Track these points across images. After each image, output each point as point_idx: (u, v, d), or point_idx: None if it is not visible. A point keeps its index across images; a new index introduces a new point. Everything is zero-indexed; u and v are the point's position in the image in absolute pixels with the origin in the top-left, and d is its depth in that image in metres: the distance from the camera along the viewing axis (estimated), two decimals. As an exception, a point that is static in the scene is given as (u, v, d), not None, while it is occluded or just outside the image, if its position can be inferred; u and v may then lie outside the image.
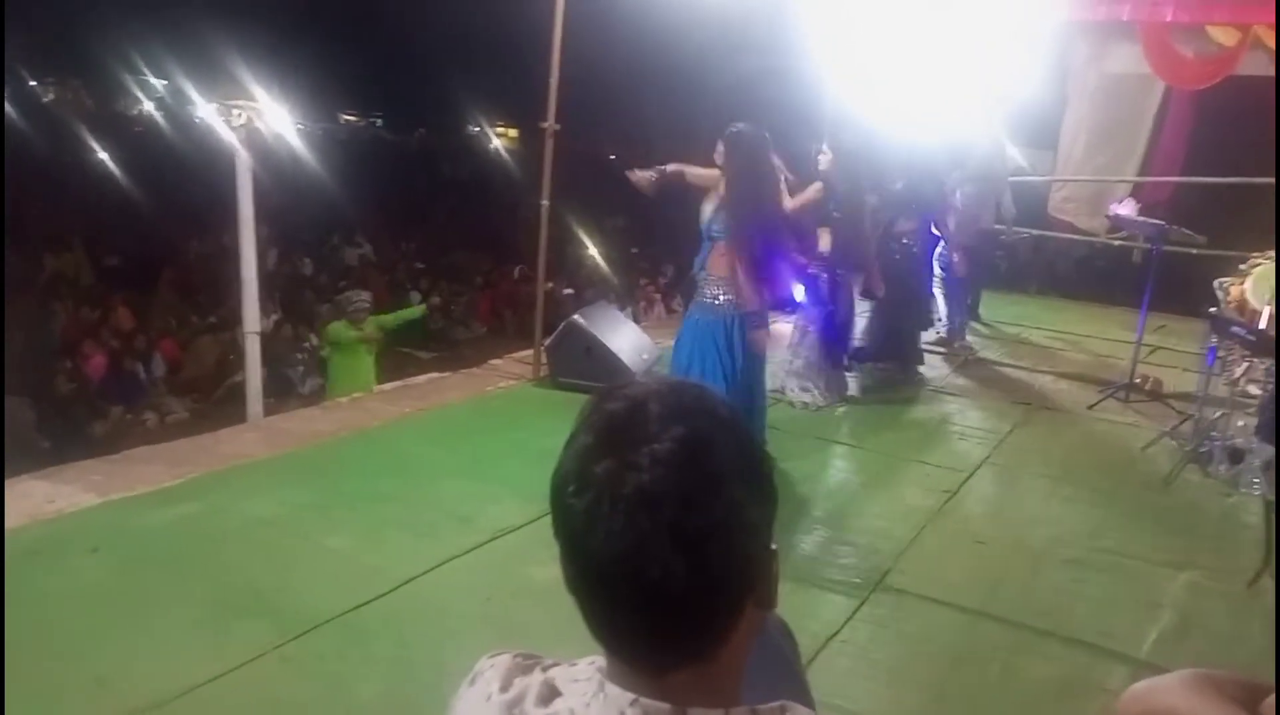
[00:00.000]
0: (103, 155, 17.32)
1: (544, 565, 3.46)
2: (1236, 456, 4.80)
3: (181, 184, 16.26)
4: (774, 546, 0.82)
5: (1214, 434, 4.94)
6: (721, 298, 4.26)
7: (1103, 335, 7.92)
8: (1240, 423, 4.95)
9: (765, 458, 0.83)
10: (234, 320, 8.79)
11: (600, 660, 0.83)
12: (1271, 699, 0.80)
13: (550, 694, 0.83)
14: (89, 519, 3.60)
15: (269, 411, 6.55)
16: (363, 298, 7.17)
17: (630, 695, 0.78)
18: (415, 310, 6.99)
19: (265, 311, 7.84)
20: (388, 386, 5.98)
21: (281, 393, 8.42)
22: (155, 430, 8.00)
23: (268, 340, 7.24)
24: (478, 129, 31.87)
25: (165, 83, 25.89)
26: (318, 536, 3.60)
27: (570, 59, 5.64)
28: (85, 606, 3.00)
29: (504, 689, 0.85)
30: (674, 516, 0.74)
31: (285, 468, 4.32)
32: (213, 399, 8.90)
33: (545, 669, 0.86)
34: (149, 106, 26.14)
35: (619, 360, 5.53)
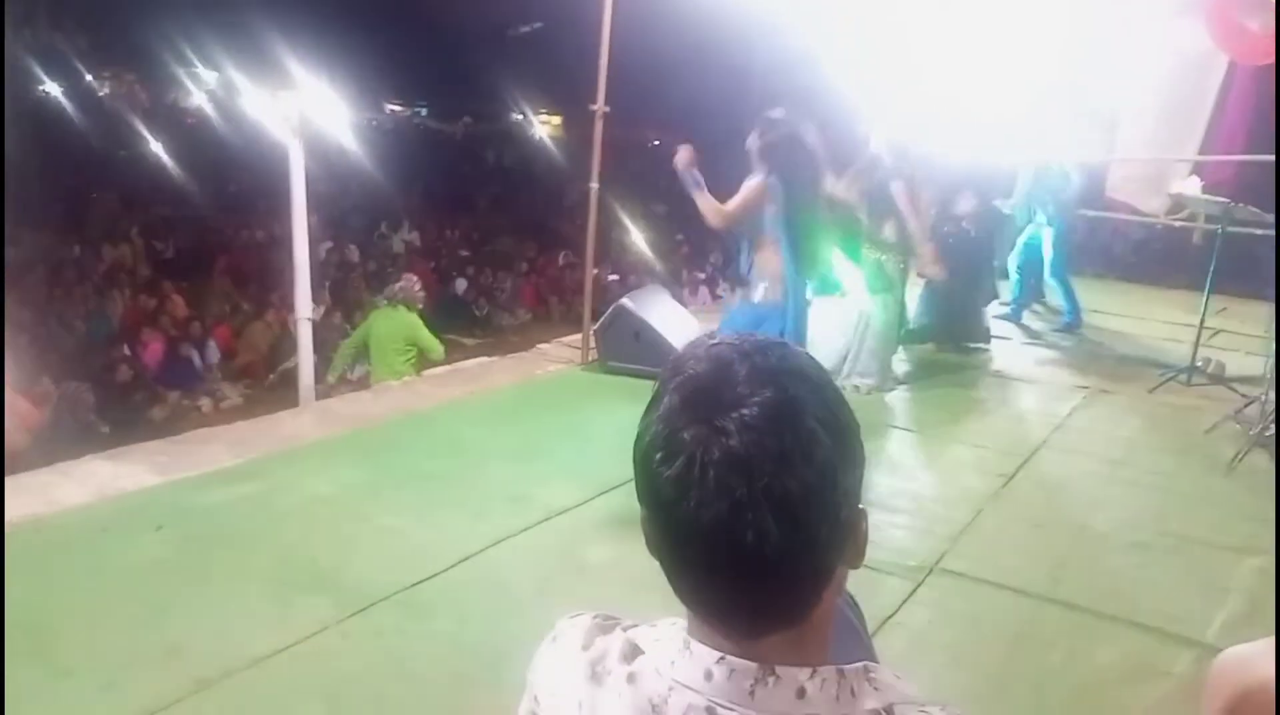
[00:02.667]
0: (157, 147, 17.65)
1: (599, 545, 3.47)
2: (1305, 440, 4.66)
3: (233, 174, 16.56)
4: (863, 506, 0.81)
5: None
6: (776, 297, 4.16)
7: (1163, 318, 7.74)
8: (1309, 405, 4.81)
9: (853, 417, 0.81)
10: (286, 307, 8.94)
11: (682, 621, 0.81)
12: None
13: (633, 652, 0.82)
14: (154, 497, 3.67)
15: (321, 396, 6.67)
16: (414, 282, 7.17)
17: (717, 654, 0.77)
18: (435, 349, 7.08)
19: (316, 299, 7.95)
20: (437, 371, 6.03)
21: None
22: (210, 415, 8.17)
23: (318, 327, 7.33)
24: (521, 116, 31.95)
25: (217, 74, 26.30)
26: (374, 515, 3.64)
27: (616, 42, 5.62)
28: (154, 580, 3.06)
29: (586, 647, 0.85)
30: (767, 481, 0.72)
31: (340, 448, 4.37)
32: (266, 384, 9.07)
33: (626, 629, 0.86)
34: (202, 98, 26.58)
35: (669, 344, 5.50)
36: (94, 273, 10.62)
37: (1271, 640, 0.84)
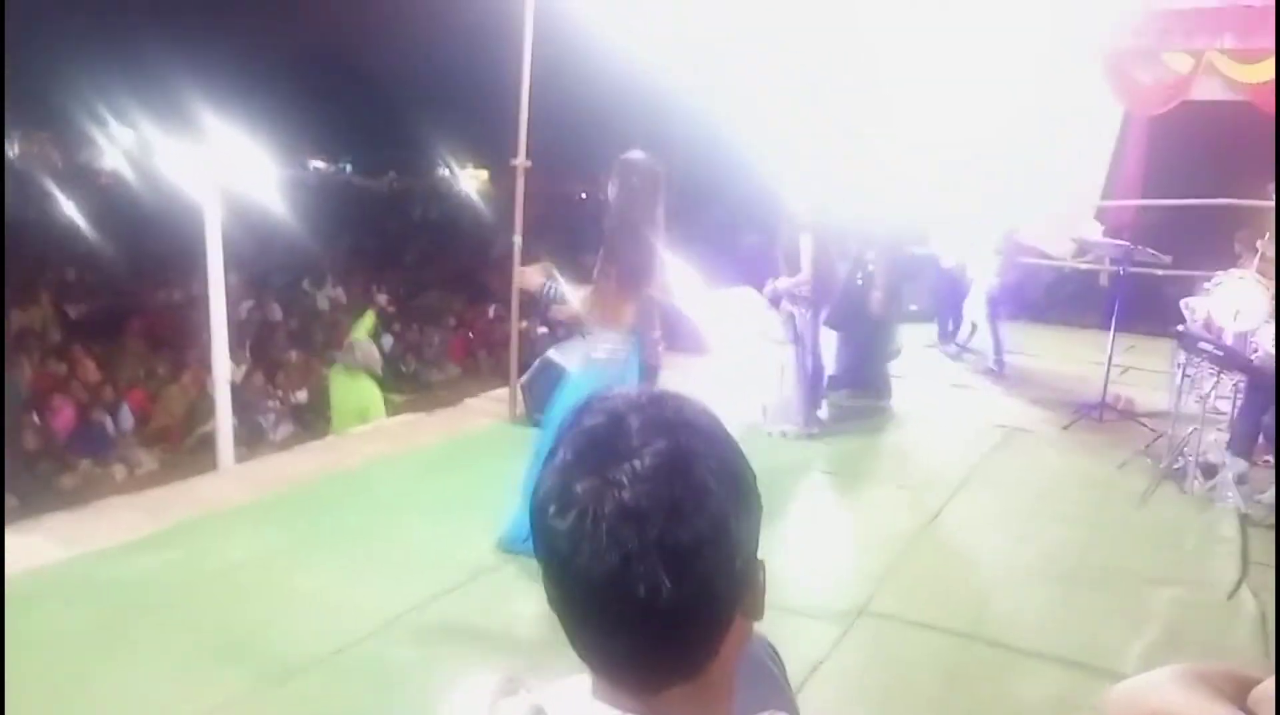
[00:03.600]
0: (69, 208, 17.18)
1: (526, 602, 3.42)
2: (1210, 471, 4.85)
3: (150, 234, 16.16)
4: (760, 557, 0.81)
5: (1187, 450, 4.99)
6: (616, 348, 3.76)
7: (1074, 357, 8.01)
8: (1212, 437, 5.01)
9: (748, 467, 0.82)
10: (204, 368, 8.70)
11: (588, 678, 0.81)
12: (1261, 688, 0.80)
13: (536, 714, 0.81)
14: (63, 570, 3.52)
15: (240, 460, 6.48)
16: (372, 349, 7.29)
17: (618, 712, 0.77)
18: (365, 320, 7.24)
19: (235, 359, 7.77)
20: (363, 428, 5.92)
21: (253, 441, 8.31)
22: (124, 482, 7.86)
23: (238, 388, 7.16)
24: (448, 171, 31.98)
25: (133, 132, 25.83)
26: (295, 579, 3.54)
27: (539, 98, 5.69)
28: (63, 656, 2.92)
29: (491, 711, 0.84)
30: (659, 532, 0.72)
31: (260, 511, 4.25)
32: (182, 449, 8.77)
33: (530, 690, 0.84)
34: (117, 157, 26.04)
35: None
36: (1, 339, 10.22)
37: (1163, 671, 0.86)
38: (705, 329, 5.92)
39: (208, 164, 7.10)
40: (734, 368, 6.73)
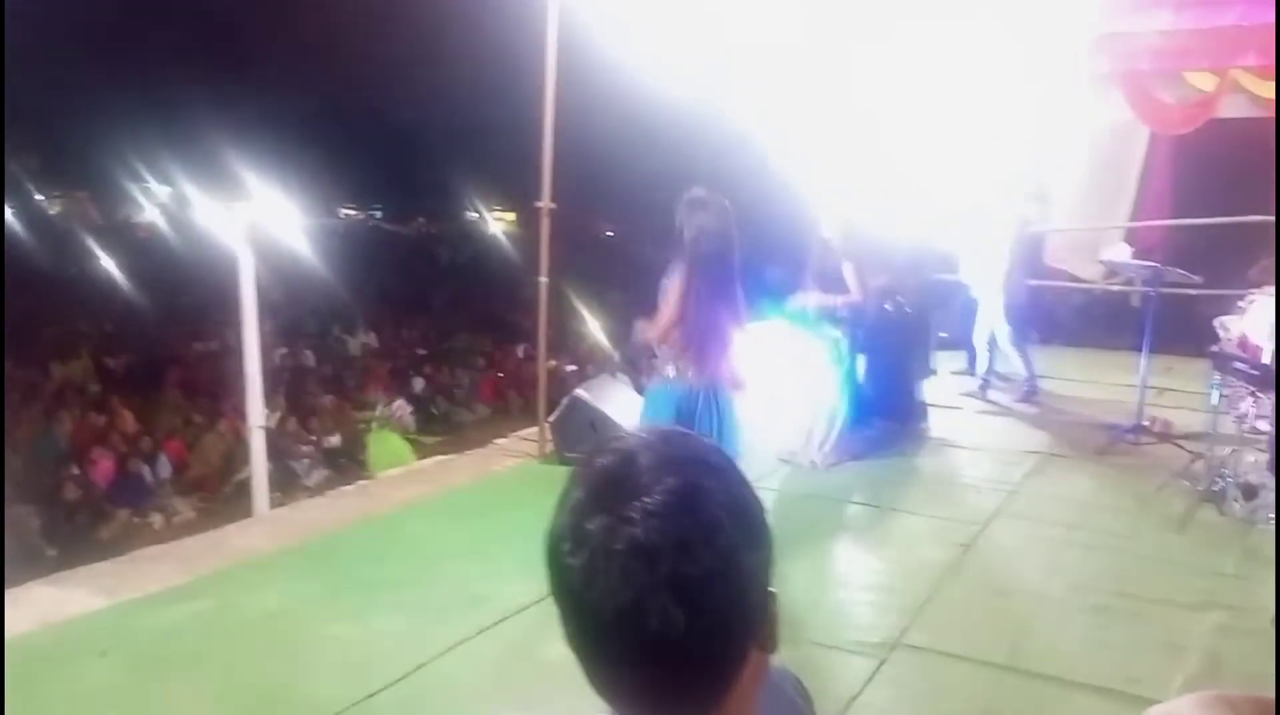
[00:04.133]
0: (108, 263, 17.62)
1: (557, 643, 3.38)
2: (1250, 492, 4.74)
3: (185, 286, 16.53)
4: (772, 589, 0.82)
5: (1226, 472, 4.90)
6: (686, 372, 3.86)
7: (1108, 380, 7.89)
8: (1251, 458, 4.92)
9: (757, 501, 0.83)
10: (239, 416, 8.83)
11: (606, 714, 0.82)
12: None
13: None
14: (98, 621, 3.57)
15: (275, 505, 6.55)
16: (403, 408, 7.57)
17: None
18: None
19: (270, 406, 7.88)
20: (393, 472, 5.97)
21: (287, 486, 8.40)
22: (162, 531, 7.97)
23: (272, 434, 7.25)
24: (476, 214, 32.41)
25: (169, 189, 26.47)
26: (327, 626, 3.56)
27: (563, 138, 5.77)
28: (99, 709, 2.95)
29: None
30: (670, 568, 0.74)
31: (293, 559, 4.29)
32: (219, 496, 8.88)
33: None
34: (153, 213, 26.69)
35: (624, 431, 5.52)
36: (43, 392, 10.44)
37: (1190, 698, 0.86)
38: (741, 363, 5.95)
39: (241, 215, 7.28)
40: (769, 399, 6.73)
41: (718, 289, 3.85)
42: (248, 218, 7.28)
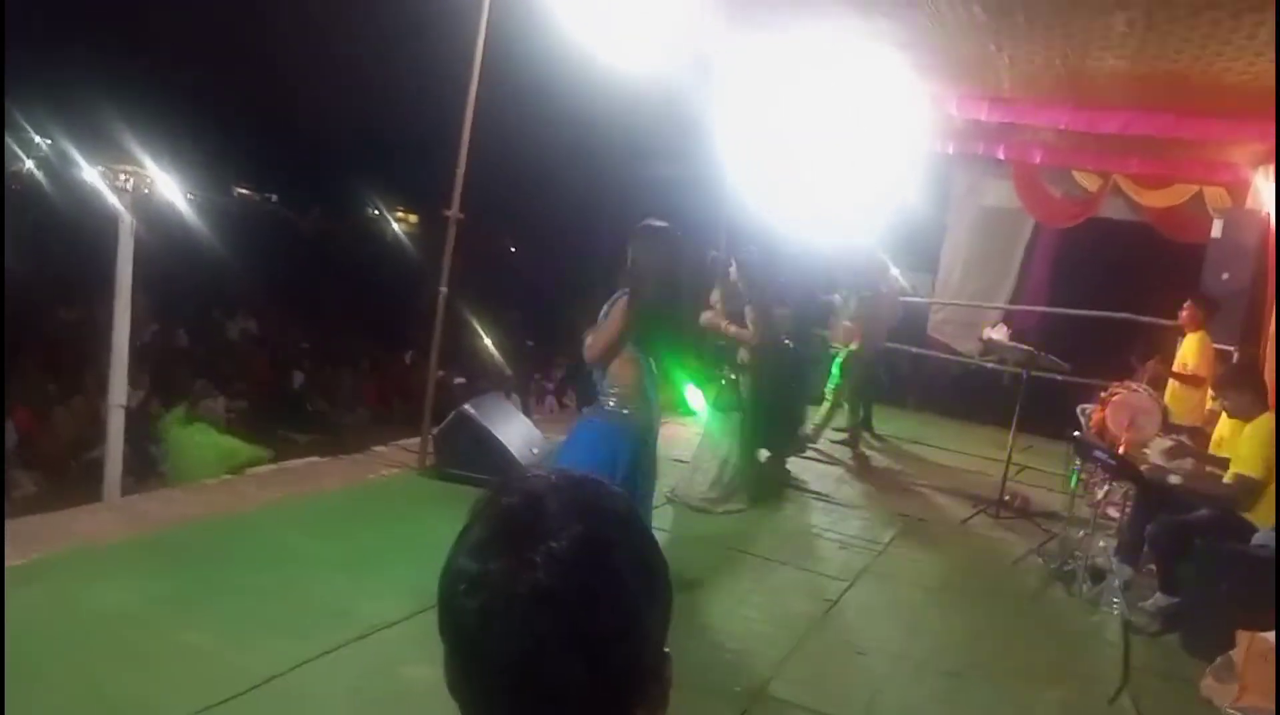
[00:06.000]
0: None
1: (418, 665, 3.30)
2: (1098, 576, 5.01)
3: (58, 247, 15.59)
4: (667, 650, 0.81)
5: (1078, 553, 5.16)
6: (629, 408, 3.82)
7: (975, 451, 8.25)
8: (1101, 543, 5.20)
9: (661, 559, 0.82)
10: (99, 391, 8.32)
11: None
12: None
13: None
14: (-87, 602, 3.27)
15: (128, 491, 6.15)
16: (217, 398, 6.73)
17: None
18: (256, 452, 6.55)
19: (134, 384, 7.44)
20: (261, 470, 5.71)
21: (143, 471, 7.94)
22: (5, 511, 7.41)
23: (133, 415, 6.83)
24: (376, 212, 31.68)
25: (49, 142, 24.93)
26: (175, 631, 3.35)
27: (477, 149, 5.70)
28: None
29: None
30: (572, 618, 0.72)
31: (143, 553, 4.04)
32: (66, 475, 8.33)
33: None
34: (29, 164, 25.05)
35: (509, 452, 5.45)
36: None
37: None
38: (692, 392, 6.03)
39: (127, 180, 6.90)
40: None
41: (666, 320, 3.86)
42: (133, 182, 6.93)
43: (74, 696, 2.87)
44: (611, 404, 3.84)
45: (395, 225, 30.58)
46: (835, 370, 7.66)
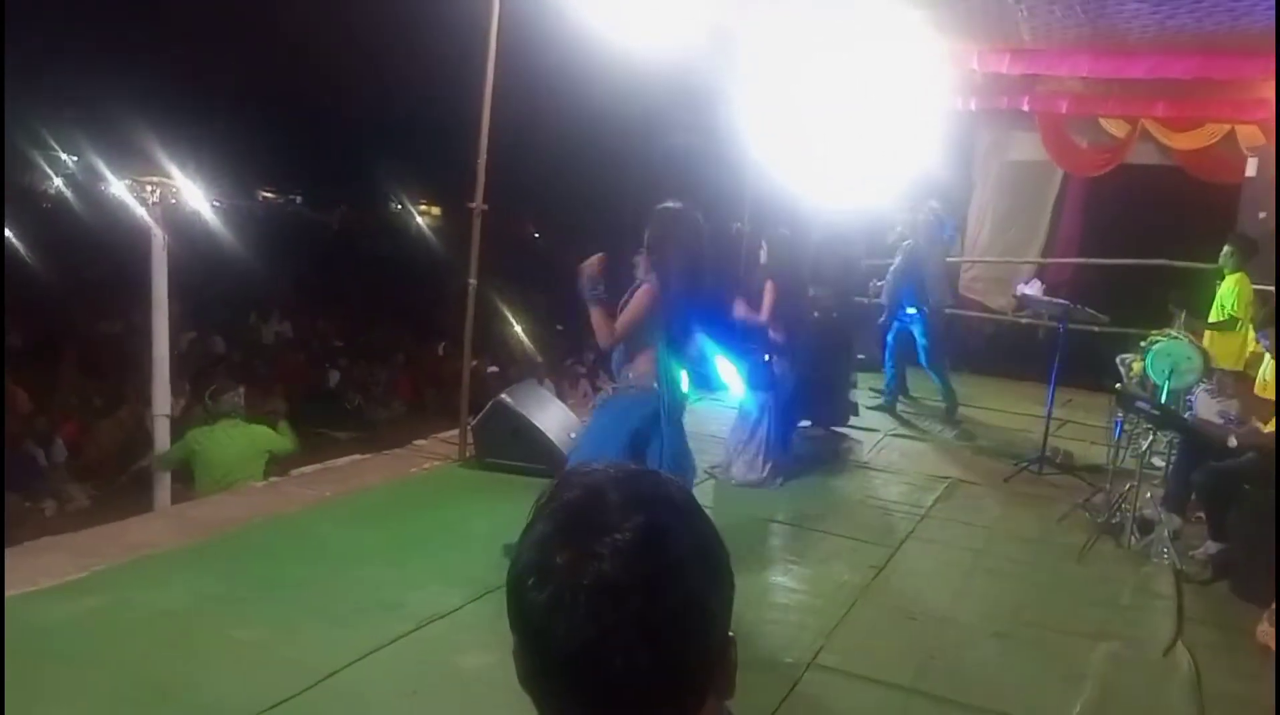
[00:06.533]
0: (8, 233, 16.73)
1: (473, 653, 3.36)
2: (1146, 527, 4.96)
3: (91, 261, 15.86)
4: (731, 634, 0.82)
5: (1124, 506, 5.11)
6: (645, 387, 3.86)
7: (1014, 409, 8.18)
8: (1148, 494, 5.14)
9: (722, 545, 0.83)
10: (142, 402, 8.47)
11: None
12: None
13: None
14: (-18, 617, 3.37)
15: (176, 498, 6.28)
16: (238, 390, 6.39)
17: None
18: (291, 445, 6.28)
19: (175, 392, 7.58)
20: (307, 469, 5.80)
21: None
22: (55, 519, 7.60)
23: (177, 423, 6.96)
24: (400, 207, 31.85)
25: (76, 159, 25.29)
26: (230, 629, 3.43)
27: (496, 137, 5.71)
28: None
29: None
30: (637, 607, 0.73)
31: (196, 557, 4.12)
32: (116, 485, 8.51)
33: None
34: (59, 183, 25.43)
35: (548, 440, 5.48)
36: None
37: None
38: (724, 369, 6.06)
39: (154, 191, 6.99)
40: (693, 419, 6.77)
41: (689, 301, 3.89)
42: (160, 193, 7.02)
43: (136, 696, 2.94)
44: (628, 384, 3.92)
45: (419, 218, 30.72)
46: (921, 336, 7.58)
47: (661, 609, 0.74)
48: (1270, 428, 4.67)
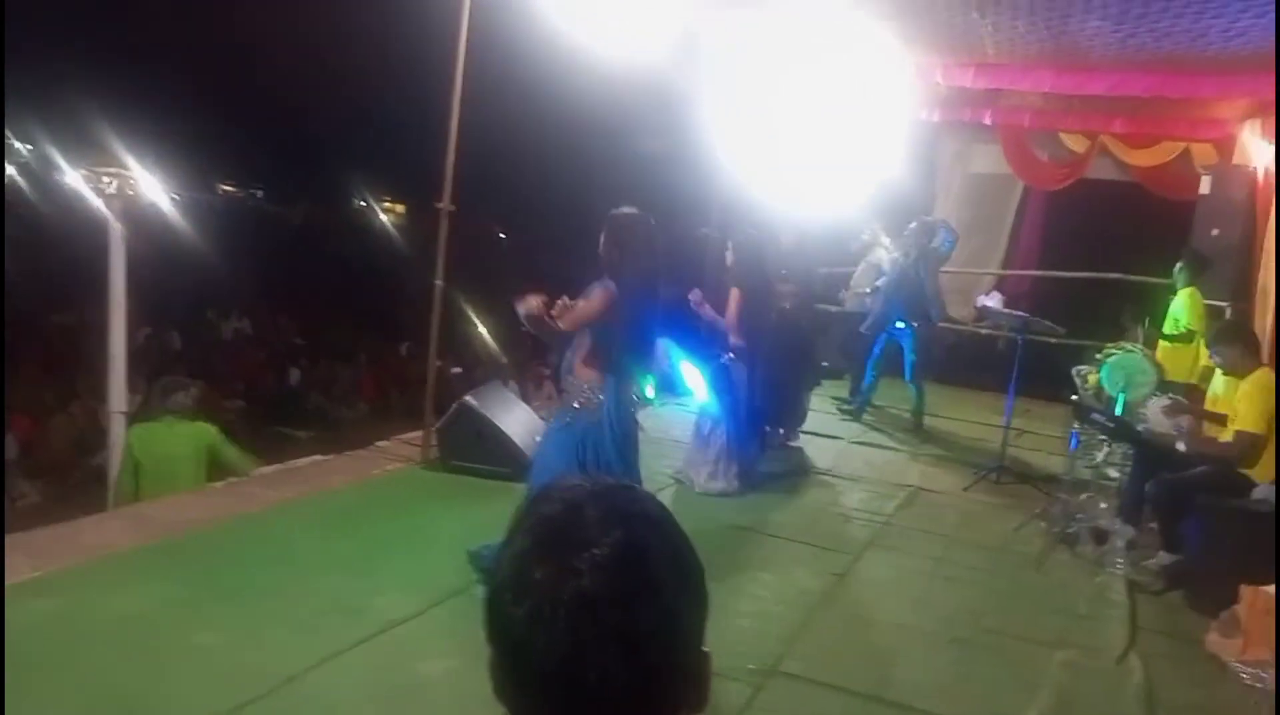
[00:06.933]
0: (-44, 221, 16.29)
1: (435, 659, 3.35)
2: (1101, 537, 5.06)
3: (45, 254, 15.50)
4: (706, 649, 0.83)
5: (1080, 516, 5.21)
6: (593, 402, 3.81)
7: (974, 418, 8.30)
8: (1103, 505, 5.24)
9: (697, 560, 0.85)
10: (95, 398, 8.30)
11: None
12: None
13: None
14: (-68, 619, 3.29)
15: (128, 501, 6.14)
16: (189, 389, 5.91)
17: None
18: (246, 467, 5.53)
19: (130, 389, 7.43)
20: (268, 469, 5.72)
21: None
22: (6, 516, 7.42)
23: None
24: (363, 204, 31.54)
25: (30, 148, 24.72)
26: (191, 634, 3.38)
27: (463, 136, 5.68)
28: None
29: None
30: (615, 621, 0.74)
31: (154, 559, 4.06)
32: (69, 482, 8.34)
33: None
34: (11, 171, 24.84)
35: (512, 443, 5.47)
36: None
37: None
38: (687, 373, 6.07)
39: (111, 183, 6.85)
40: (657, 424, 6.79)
41: (644, 306, 3.85)
42: (119, 185, 6.87)
43: (95, 702, 2.89)
44: (576, 402, 3.85)
45: (382, 216, 30.45)
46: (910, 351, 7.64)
47: (639, 624, 0.76)
48: (1227, 436, 4.79)
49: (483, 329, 13.06)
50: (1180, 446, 4.90)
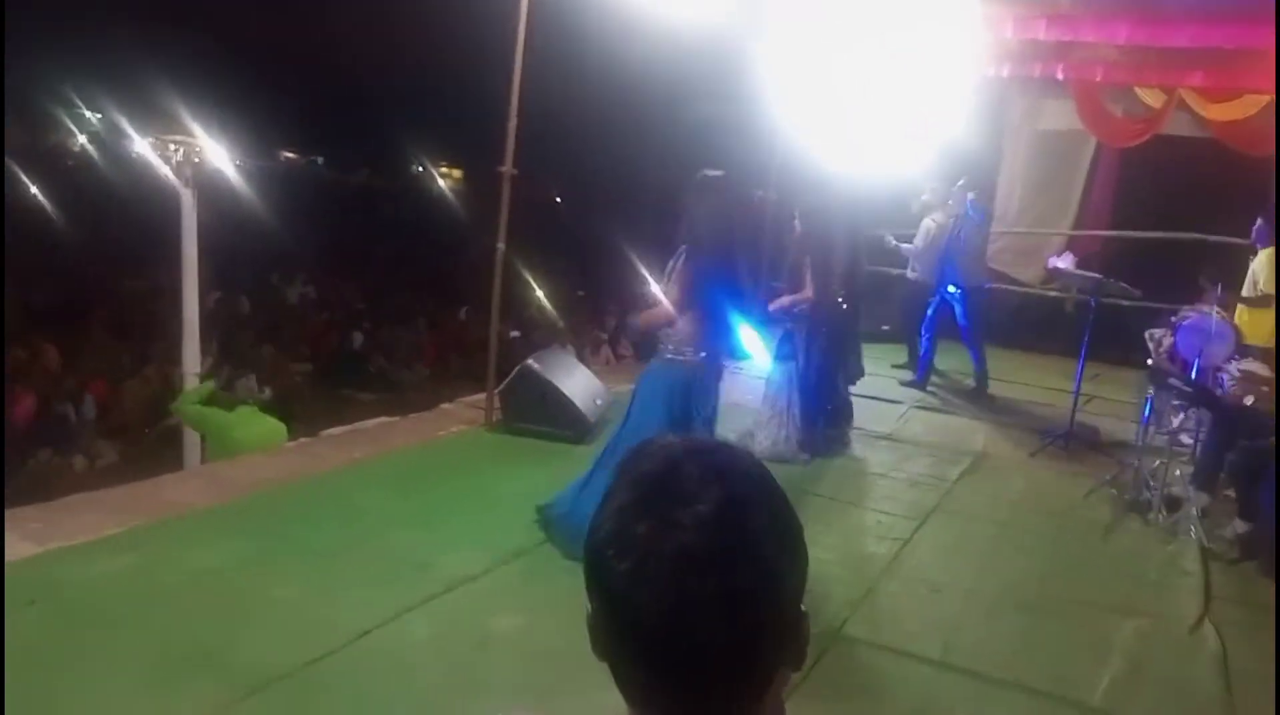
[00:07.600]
0: (34, 191, 16.81)
1: (504, 615, 3.41)
2: (1174, 505, 4.94)
3: (116, 221, 15.94)
4: (805, 609, 0.83)
5: (1152, 483, 5.08)
6: (685, 355, 3.94)
7: (1040, 383, 8.13)
8: (1177, 472, 5.11)
9: (796, 519, 0.84)
10: (169, 361, 8.55)
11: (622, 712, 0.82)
12: None
13: None
14: (27, 569, 3.43)
15: (204, 458, 6.35)
16: (250, 379, 6.25)
17: None
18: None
19: (203, 352, 7.64)
20: (336, 430, 5.85)
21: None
22: (84, 474, 7.72)
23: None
24: (421, 169, 31.77)
25: (99, 117, 25.33)
26: (266, 588, 3.49)
27: (522, 101, 5.67)
28: (24, 666, 2.84)
29: None
30: (718, 577, 0.74)
31: (230, 516, 4.19)
32: (144, 443, 8.63)
33: None
34: (83, 140, 25.49)
35: (574, 406, 5.51)
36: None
37: None
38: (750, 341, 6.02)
39: (178, 150, 6.99)
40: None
41: (725, 272, 3.91)
42: (185, 152, 7.02)
43: (174, 654, 3.00)
44: (669, 353, 3.97)
45: (440, 181, 30.66)
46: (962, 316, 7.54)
47: (741, 580, 0.75)
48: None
49: (540, 293, 13.13)
50: (1249, 399, 4.74)
